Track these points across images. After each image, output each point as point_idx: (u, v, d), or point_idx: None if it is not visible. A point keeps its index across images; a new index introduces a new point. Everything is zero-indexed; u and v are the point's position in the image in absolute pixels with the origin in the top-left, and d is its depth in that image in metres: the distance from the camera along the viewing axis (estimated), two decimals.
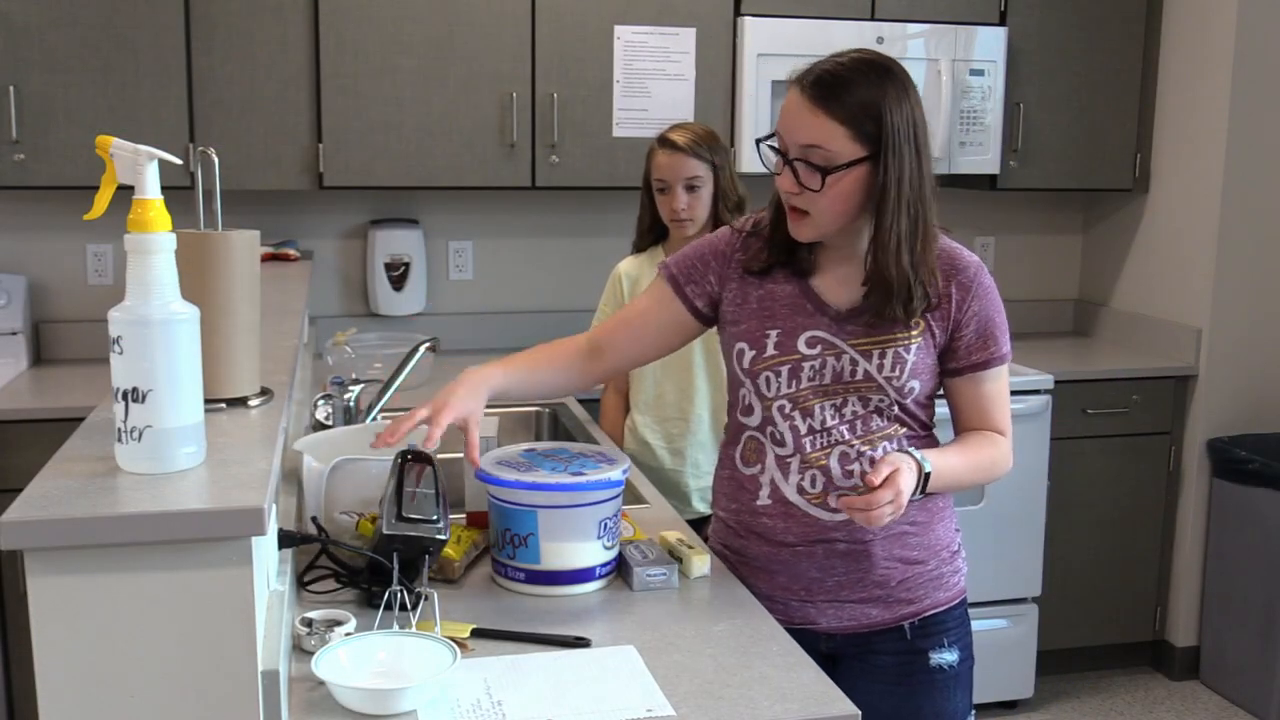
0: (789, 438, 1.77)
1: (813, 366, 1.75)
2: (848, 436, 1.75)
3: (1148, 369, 3.76)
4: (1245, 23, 3.58)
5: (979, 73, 3.66)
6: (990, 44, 3.66)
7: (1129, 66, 3.88)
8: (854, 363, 1.74)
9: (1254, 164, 3.67)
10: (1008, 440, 1.84)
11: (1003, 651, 3.51)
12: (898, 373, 1.74)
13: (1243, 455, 3.61)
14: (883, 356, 1.74)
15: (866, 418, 1.75)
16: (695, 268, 1.86)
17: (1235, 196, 3.67)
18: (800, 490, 1.77)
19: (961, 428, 1.85)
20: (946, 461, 1.75)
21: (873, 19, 3.58)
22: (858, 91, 1.64)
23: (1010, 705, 3.68)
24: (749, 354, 1.79)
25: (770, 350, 1.77)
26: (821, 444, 1.75)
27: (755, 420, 1.81)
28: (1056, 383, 3.56)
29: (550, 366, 1.90)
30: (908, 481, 1.64)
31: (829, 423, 1.75)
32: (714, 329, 1.91)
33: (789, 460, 1.77)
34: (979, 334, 1.77)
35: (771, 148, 1.73)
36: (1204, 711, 3.67)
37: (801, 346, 1.75)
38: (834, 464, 1.75)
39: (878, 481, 1.62)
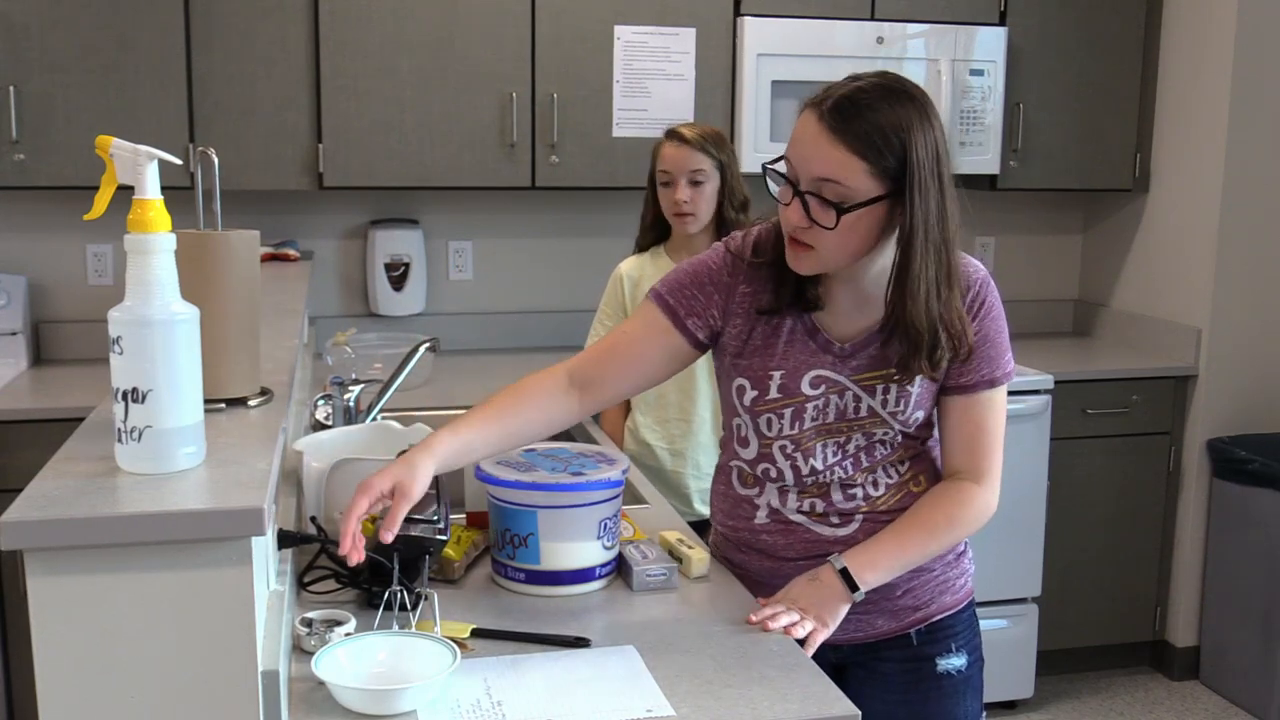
0: (788, 475, 1.74)
1: (816, 406, 1.69)
2: (850, 472, 1.72)
3: (1148, 369, 3.76)
4: (1245, 23, 3.58)
5: (979, 73, 3.66)
6: (990, 44, 3.66)
7: (1129, 66, 3.88)
8: (857, 399, 1.69)
9: (1254, 164, 3.67)
10: (987, 486, 1.72)
11: (1003, 651, 3.50)
12: (901, 407, 1.69)
13: (1243, 455, 3.61)
14: (886, 392, 1.68)
15: (870, 448, 1.72)
16: (695, 299, 1.72)
17: (1235, 196, 3.67)
18: (800, 511, 1.75)
19: (947, 456, 1.76)
20: (877, 553, 1.68)
21: (873, 19, 3.58)
22: (879, 120, 1.50)
23: (1010, 705, 3.68)
24: (750, 393, 1.72)
25: (774, 393, 1.70)
26: (822, 480, 1.72)
27: (750, 454, 1.77)
28: (1056, 383, 3.57)
29: (525, 411, 1.69)
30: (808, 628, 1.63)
31: (830, 461, 1.71)
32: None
33: (788, 490, 1.75)
34: (975, 352, 1.67)
35: (779, 174, 1.59)
36: (1204, 711, 3.67)
37: (805, 388, 1.69)
38: (834, 492, 1.73)
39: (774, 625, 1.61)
